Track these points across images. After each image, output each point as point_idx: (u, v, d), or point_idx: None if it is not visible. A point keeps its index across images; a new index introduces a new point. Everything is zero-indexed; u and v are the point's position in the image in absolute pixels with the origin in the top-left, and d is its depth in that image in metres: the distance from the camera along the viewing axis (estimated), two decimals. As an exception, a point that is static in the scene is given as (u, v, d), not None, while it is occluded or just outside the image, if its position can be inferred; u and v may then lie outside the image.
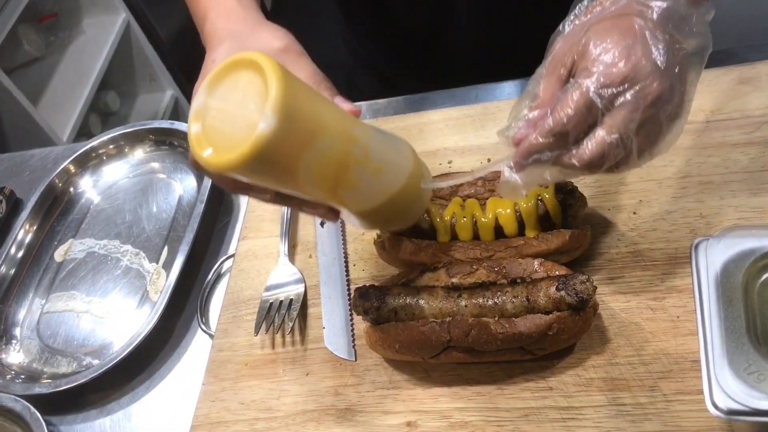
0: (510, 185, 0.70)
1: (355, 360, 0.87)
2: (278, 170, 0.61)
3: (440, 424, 0.79)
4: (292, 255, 1.00)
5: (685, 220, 0.86)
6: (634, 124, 0.63)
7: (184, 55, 2.95)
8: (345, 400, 0.84)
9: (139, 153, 1.28)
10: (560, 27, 0.70)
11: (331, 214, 0.74)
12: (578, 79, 0.64)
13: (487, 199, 0.87)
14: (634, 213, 0.89)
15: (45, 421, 0.90)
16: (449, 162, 1.02)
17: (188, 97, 3.38)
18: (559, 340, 0.77)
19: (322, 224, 1.00)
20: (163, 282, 1.07)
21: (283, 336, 0.92)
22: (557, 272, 0.79)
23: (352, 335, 0.89)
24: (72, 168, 1.26)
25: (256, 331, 0.91)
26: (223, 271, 1.05)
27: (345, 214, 0.75)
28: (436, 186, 0.78)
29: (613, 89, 0.63)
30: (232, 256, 1.03)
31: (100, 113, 2.80)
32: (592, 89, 0.63)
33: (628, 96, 0.63)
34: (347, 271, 0.95)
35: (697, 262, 0.67)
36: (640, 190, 0.91)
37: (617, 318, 0.81)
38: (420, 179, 0.76)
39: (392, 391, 0.83)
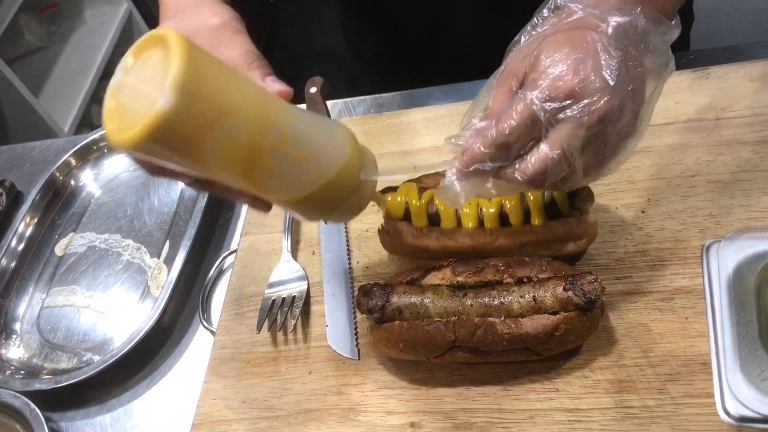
0: (450, 191, 0.69)
1: (359, 359, 0.86)
2: (181, 150, 0.59)
3: (444, 425, 0.78)
4: (295, 251, 0.99)
5: (695, 219, 0.85)
6: (579, 141, 0.62)
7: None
8: (348, 399, 0.83)
9: (140, 146, 1.26)
10: (517, 37, 0.69)
11: (257, 202, 0.72)
12: (525, 91, 0.62)
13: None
14: (643, 212, 0.87)
15: (45, 417, 0.89)
16: (455, 157, 1.01)
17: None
18: (566, 341, 0.76)
19: (325, 221, 0.99)
20: (164, 277, 1.06)
21: (286, 334, 0.91)
22: (564, 272, 0.77)
23: (356, 334, 0.88)
24: (73, 161, 1.25)
25: (259, 329, 0.90)
26: (225, 267, 1.03)
27: (278, 202, 0.72)
28: (376, 177, 0.75)
29: (558, 103, 0.61)
30: (235, 251, 1.02)
31: (102, 104, 2.78)
32: (536, 102, 0.61)
33: (573, 111, 0.61)
34: (351, 268, 0.94)
35: (709, 265, 0.66)
36: (648, 188, 0.89)
37: (625, 319, 0.80)
38: (358, 169, 0.72)
39: (396, 390, 0.82)
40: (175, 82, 0.54)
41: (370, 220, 0.98)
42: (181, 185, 1.18)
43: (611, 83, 0.61)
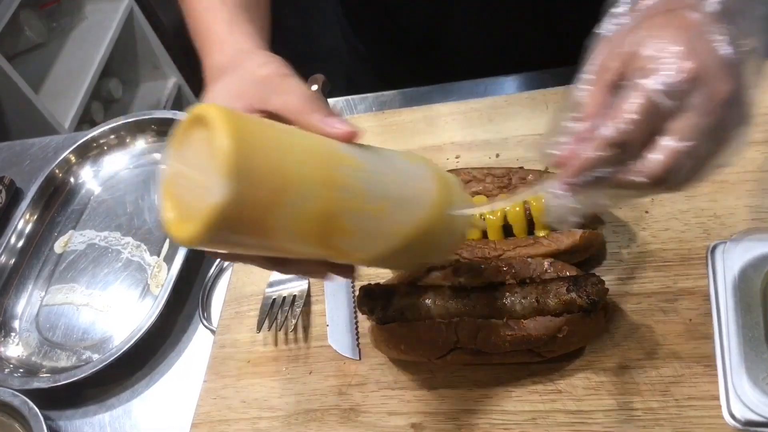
0: (559, 211, 0.60)
1: (360, 359, 0.85)
2: (247, 236, 0.52)
3: (446, 426, 0.78)
4: (295, 250, 0.98)
5: (699, 220, 0.84)
6: (705, 129, 0.55)
7: (188, 43, 2.91)
8: (349, 399, 0.82)
9: (140, 143, 1.26)
10: (599, 30, 0.62)
11: (339, 269, 0.63)
12: (636, 81, 0.56)
13: (496, 196, 0.85)
14: (647, 212, 0.87)
15: (43, 415, 0.89)
16: (457, 157, 1.00)
17: (192, 85, 3.38)
18: (569, 342, 0.75)
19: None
20: (164, 275, 1.05)
21: (286, 333, 0.90)
22: (568, 273, 0.77)
23: (357, 334, 0.87)
24: (73, 158, 1.24)
25: (259, 328, 0.90)
26: (225, 265, 1.03)
27: (362, 261, 0.64)
28: (468, 213, 0.66)
29: (682, 90, 0.54)
30: (235, 250, 1.01)
31: (103, 101, 2.78)
32: (655, 90, 0.54)
33: (698, 97, 0.54)
34: (352, 267, 0.94)
35: (714, 266, 0.65)
36: (652, 188, 0.88)
37: (628, 320, 0.79)
38: (446, 207, 0.63)
39: (397, 391, 0.82)
40: (226, 168, 0.48)
41: (371, 219, 0.97)
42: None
43: (727, 64, 0.55)
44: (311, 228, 0.54)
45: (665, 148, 0.55)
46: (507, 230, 0.83)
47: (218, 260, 1.02)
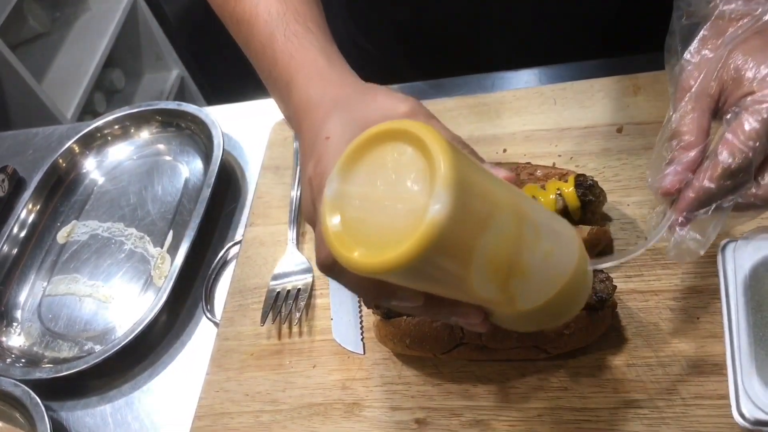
0: (684, 246, 0.60)
1: (364, 353, 0.85)
2: (451, 263, 0.49)
3: (450, 422, 0.77)
4: (300, 243, 0.98)
5: (707, 218, 0.84)
6: None
7: (192, 35, 2.92)
8: (353, 394, 0.82)
9: (145, 134, 1.25)
10: (686, 56, 0.62)
11: (483, 323, 0.60)
12: (750, 106, 0.56)
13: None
14: (654, 209, 0.86)
15: (45, 406, 0.88)
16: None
17: (194, 77, 3.36)
18: (576, 339, 0.75)
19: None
20: (167, 267, 1.05)
21: (290, 327, 0.90)
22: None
23: (361, 328, 0.87)
24: (76, 148, 1.23)
25: (263, 321, 0.89)
26: (229, 257, 1.02)
27: (496, 318, 0.62)
28: (602, 266, 0.65)
29: None
30: (239, 242, 1.01)
31: (105, 91, 2.77)
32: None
33: None
34: (357, 261, 0.93)
35: (725, 265, 0.65)
36: (660, 185, 0.88)
37: (635, 318, 0.79)
38: (586, 261, 0.61)
39: (401, 386, 0.81)
40: (449, 181, 0.45)
41: (376, 213, 0.96)
42: (185, 176, 1.17)
43: None
44: (502, 262, 0.52)
45: None
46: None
47: (223, 252, 1.02)
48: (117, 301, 1.05)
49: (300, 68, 0.66)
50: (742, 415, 0.57)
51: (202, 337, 0.97)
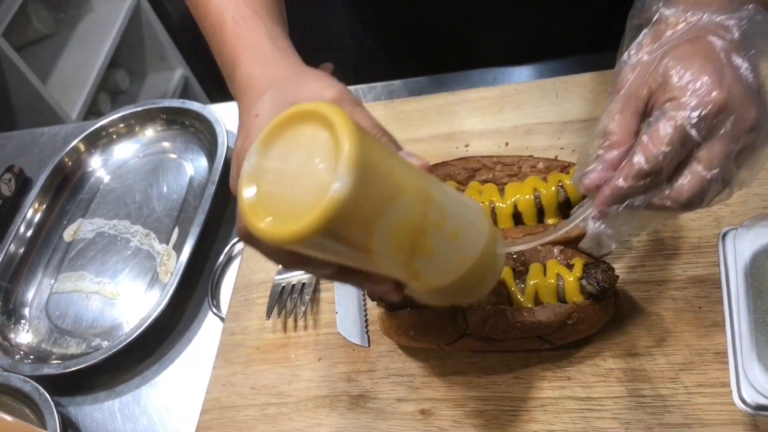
0: (596, 237, 0.63)
1: (369, 346, 0.86)
2: (352, 238, 0.52)
3: (455, 413, 0.78)
4: (304, 238, 0.98)
5: (709, 208, 0.83)
6: (733, 156, 0.58)
7: (195, 35, 2.91)
8: (358, 386, 0.83)
9: (149, 132, 1.26)
10: (624, 57, 0.64)
11: (396, 291, 0.63)
12: (668, 112, 0.58)
13: (505, 184, 0.85)
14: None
15: (54, 402, 0.90)
16: (466, 145, 1.00)
17: (198, 76, 3.37)
18: (579, 329, 0.75)
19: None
20: (173, 263, 1.05)
21: (295, 320, 0.90)
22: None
23: (366, 320, 0.88)
24: (82, 147, 1.24)
25: (268, 315, 0.90)
26: (234, 253, 1.03)
27: (411, 290, 0.64)
28: (512, 250, 0.69)
29: (711, 120, 0.57)
30: (244, 238, 1.01)
31: (110, 92, 2.78)
32: (687, 121, 0.57)
33: (727, 126, 0.57)
34: (361, 255, 0.94)
35: (725, 252, 0.65)
36: (662, 176, 0.88)
37: (638, 308, 0.79)
38: (496, 244, 0.65)
39: (406, 378, 0.82)
40: (352, 161, 0.47)
41: (380, 207, 0.97)
42: (190, 173, 1.18)
43: (753, 90, 0.57)
44: (405, 240, 0.55)
45: (694, 175, 0.58)
46: (517, 218, 0.83)
47: (228, 248, 1.02)
48: (123, 297, 1.06)
49: (244, 49, 0.69)
50: (743, 401, 0.57)
51: (208, 332, 0.97)
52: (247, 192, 0.52)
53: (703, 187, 0.58)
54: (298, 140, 0.52)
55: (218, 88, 3.12)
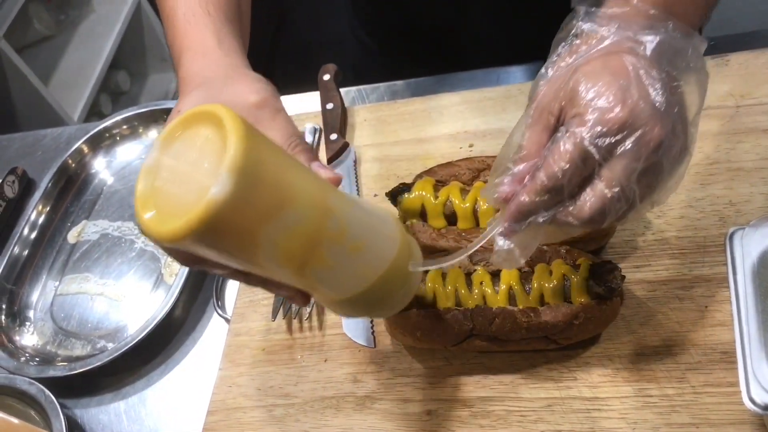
0: (505, 253, 0.63)
1: (374, 347, 0.86)
2: (233, 244, 0.51)
3: (461, 413, 0.78)
4: (309, 239, 0.98)
5: (714, 207, 0.84)
6: (635, 175, 0.57)
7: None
8: (364, 387, 0.83)
9: (153, 133, 1.26)
10: (543, 70, 0.64)
11: (299, 297, 0.64)
12: (570, 128, 0.58)
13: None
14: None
15: (60, 404, 0.89)
16: (470, 145, 1.00)
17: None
18: (585, 329, 0.75)
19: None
20: (178, 265, 1.05)
21: (301, 321, 0.90)
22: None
23: (371, 321, 0.87)
24: (85, 148, 1.24)
25: (274, 316, 0.90)
26: (239, 254, 1.03)
27: (319, 299, 0.65)
28: (425, 269, 0.68)
29: (611, 138, 0.56)
30: (249, 239, 1.01)
31: (111, 93, 2.79)
32: (587, 139, 0.56)
33: (627, 144, 0.56)
34: (366, 256, 0.93)
35: (733, 252, 0.65)
36: (667, 176, 0.88)
37: (644, 307, 0.79)
38: (407, 260, 0.64)
39: (412, 378, 0.82)
40: (233, 165, 0.47)
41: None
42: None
43: (661, 109, 0.57)
44: (296, 252, 0.54)
45: (595, 193, 0.58)
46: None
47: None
48: (128, 299, 1.06)
49: (190, 46, 0.71)
50: (752, 401, 0.57)
51: (213, 334, 0.97)
52: (140, 185, 0.52)
53: (605, 205, 0.58)
54: (195, 140, 0.51)
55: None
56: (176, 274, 1.03)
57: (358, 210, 0.60)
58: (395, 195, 0.87)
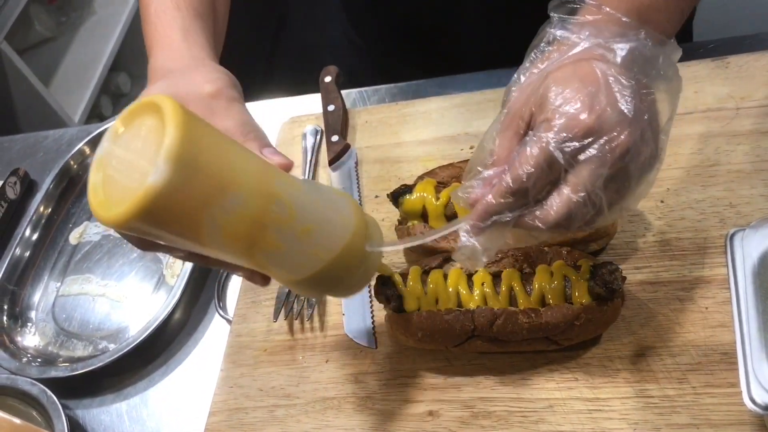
0: (468, 251, 0.64)
1: (376, 347, 0.86)
2: (175, 229, 0.54)
3: (463, 414, 0.78)
4: (310, 240, 0.98)
5: (714, 209, 0.85)
6: (602, 180, 0.58)
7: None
8: (365, 387, 0.83)
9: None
10: (515, 76, 0.65)
11: (257, 277, 0.66)
12: (537, 133, 0.58)
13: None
14: (662, 201, 0.87)
15: (61, 404, 0.90)
16: (471, 147, 1.00)
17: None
18: (586, 330, 0.75)
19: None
20: (179, 266, 1.05)
21: (302, 322, 0.91)
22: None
23: (373, 322, 0.88)
24: (87, 149, 1.24)
25: (275, 317, 0.90)
26: (240, 255, 1.03)
27: (277, 280, 0.67)
28: (384, 249, 0.69)
29: (576, 143, 0.57)
30: (250, 240, 1.02)
31: (111, 95, 2.79)
32: (553, 144, 0.57)
33: (593, 150, 0.57)
34: (367, 257, 0.94)
35: (733, 253, 0.66)
36: (667, 178, 0.89)
37: (644, 308, 0.79)
38: (364, 241, 0.66)
39: (414, 379, 0.82)
40: (170, 154, 0.50)
41: (385, 210, 0.97)
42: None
43: (629, 115, 0.57)
44: (240, 234, 0.57)
45: (561, 198, 0.58)
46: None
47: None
48: (130, 300, 1.06)
49: (158, 39, 0.75)
50: (753, 401, 0.58)
51: (215, 335, 0.98)
52: (92, 174, 0.55)
53: (570, 210, 0.58)
54: (140, 130, 0.54)
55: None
56: (178, 275, 1.03)
57: (308, 194, 0.62)
58: (396, 196, 0.87)
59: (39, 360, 1.00)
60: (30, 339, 1.05)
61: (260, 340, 0.91)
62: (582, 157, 0.57)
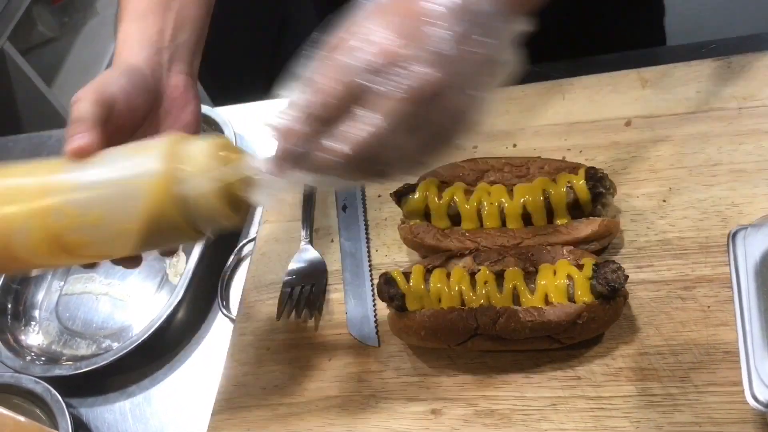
0: (263, 185, 0.61)
1: (379, 346, 0.86)
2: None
3: (466, 412, 0.78)
4: (313, 239, 0.99)
5: (717, 208, 0.85)
6: (403, 116, 0.53)
7: (198, 38, 2.93)
8: (368, 386, 0.83)
9: (156, 135, 1.27)
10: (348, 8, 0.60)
11: (125, 261, 0.71)
12: (340, 57, 0.55)
13: (514, 185, 0.86)
14: (664, 201, 0.87)
15: (65, 403, 0.90)
16: (474, 147, 1.00)
17: (201, 78, 3.36)
18: (589, 329, 0.76)
19: (344, 209, 0.98)
20: (182, 265, 1.06)
21: (305, 321, 0.91)
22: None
23: (375, 321, 0.88)
24: (90, 149, 1.24)
25: (278, 316, 0.90)
26: (243, 254, 1.04)
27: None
28: (205, 181, 0.62)
29: (377, 71, 0.53)
30: (253, 239, 1.02)
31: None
32: (352, 68, 0.54)
33: (395, 80, 0.53)
34: (370, 256, 0.94)
35: (735, 252, 0.66)
36: (670, 177, 0.89)
37: (646, 307, 0.79)
38: (172, 187, 0.62)
39: (416, 378, 0.82)
40: None
41: (388, 209, 0.97)
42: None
43: (440, 56, 0.53)
44: (47, 250, 0.63)
45: (357, 127, 0.54)
46: (526, 219, 0.83)
47: (237, 249, 1.03)
48: (133, 299, 1.06)
49: (128, 35, 0.81)
50: (755, 398, 0.58)
51: (218, 334, 0.98)
52: None
53: (366, 140, 0.54)
54: None
55: (221, 91, 3.12)
56: (181, 274, 1.03)
57: (91, 183, 0.64)
58: (400, 196, 0.87)
59: (43, 358, 1.00)
60: (34, 338, 1.05)
61: (263, 338, 0.91)
62: (382, 87, 0.53)
